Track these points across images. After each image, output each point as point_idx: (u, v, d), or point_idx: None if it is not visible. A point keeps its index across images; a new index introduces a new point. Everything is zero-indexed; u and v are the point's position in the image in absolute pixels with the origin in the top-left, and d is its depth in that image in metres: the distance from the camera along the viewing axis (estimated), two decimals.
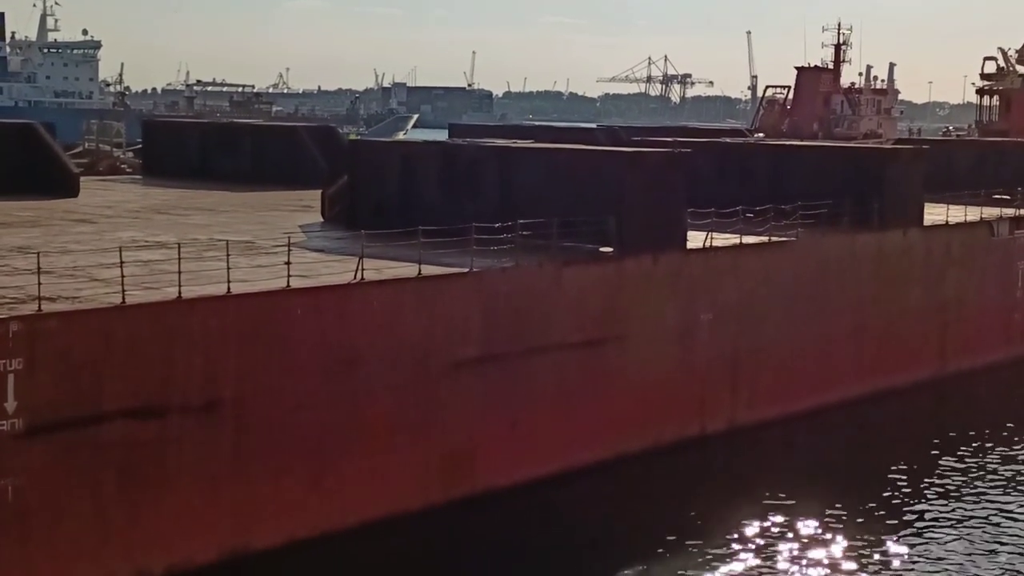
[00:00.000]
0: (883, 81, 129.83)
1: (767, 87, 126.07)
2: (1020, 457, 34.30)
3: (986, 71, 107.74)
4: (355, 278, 25.55)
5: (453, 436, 27.39)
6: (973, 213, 44.12)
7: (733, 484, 31.43)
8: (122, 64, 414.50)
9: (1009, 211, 46.09)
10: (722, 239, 34.31)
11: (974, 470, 32.71)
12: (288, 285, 24.19)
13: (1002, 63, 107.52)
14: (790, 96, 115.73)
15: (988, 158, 55.30)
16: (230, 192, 44.74)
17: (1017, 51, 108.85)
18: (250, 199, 43.04)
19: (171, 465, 22.53)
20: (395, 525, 25.92)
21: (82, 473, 21.41)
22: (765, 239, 35.45)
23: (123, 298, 21.93)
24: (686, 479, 31.35)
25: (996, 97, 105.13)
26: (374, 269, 26.78)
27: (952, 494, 30.63)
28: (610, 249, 31.20)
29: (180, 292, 22.63)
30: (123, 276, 22.07)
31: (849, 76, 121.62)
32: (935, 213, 43.35)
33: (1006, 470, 32.93)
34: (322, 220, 37.22)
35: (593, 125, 74.12)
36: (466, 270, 27.43)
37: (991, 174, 51.60)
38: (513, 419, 28.65)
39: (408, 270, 26.68)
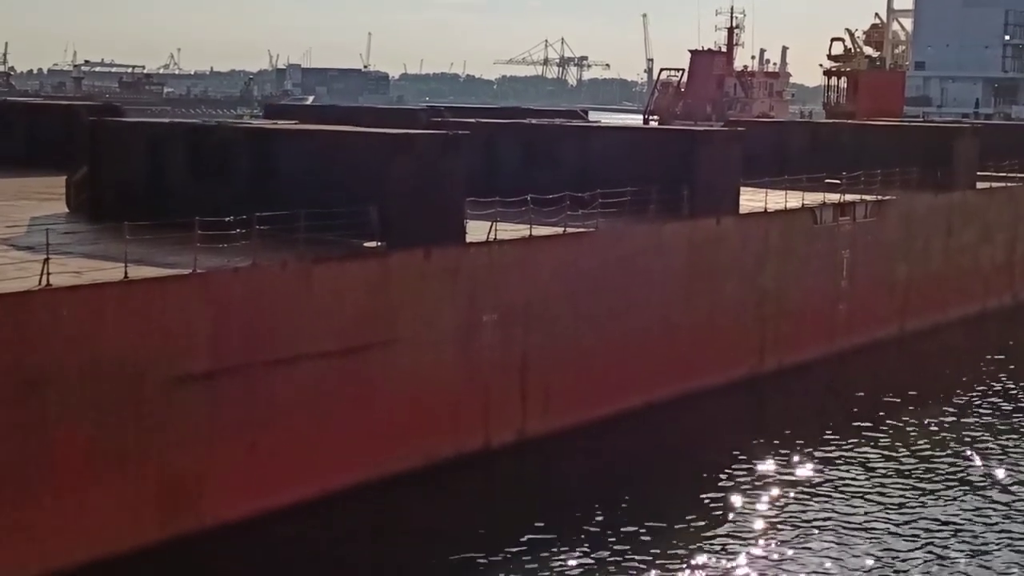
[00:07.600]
0: (775, 64, 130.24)
1: (662, 70, 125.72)
2: (838, 458, 31.79)
3: (834, 52, 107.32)
4: (40, 283, 21.60)
5: (173, 463, 23.62)
6: (796, 199, 41.62)
7: (521, 503, 28.27)
8: (6, 44, 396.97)
9: (833, 197, 43.64)
10: (512, 231, 31.10)
11: (793, 474, 30.31)
12: None
13: (850, 45, 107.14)
14: (684, 79, 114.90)
15: (822, 141, 53.01)
16: None
17: (865, 32, 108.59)
18: (3, 186, 38.50)
19: None
20: (96, 573, 22.07)
21: None
22: (560, 230, 32.29)
23: None
24: (466, 500, 28.22)
25: (844, 79, 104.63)
26: (74, 272, 22.94)
27: (768, 500, 28.29)
28: (375, 243, 27.71)
29: None
30: None
31: (742, 59, 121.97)
32: (755, 200, 40.68)
33: (825, 472, 30.50)
34: (67, 210, 33.04)
35: (423, 106, 70.45)
36: (188, 271, 23.71)
37: (825, 158, 49.25)
38: (252, 440, 25.00)
39: (117, 272, 22.88)
